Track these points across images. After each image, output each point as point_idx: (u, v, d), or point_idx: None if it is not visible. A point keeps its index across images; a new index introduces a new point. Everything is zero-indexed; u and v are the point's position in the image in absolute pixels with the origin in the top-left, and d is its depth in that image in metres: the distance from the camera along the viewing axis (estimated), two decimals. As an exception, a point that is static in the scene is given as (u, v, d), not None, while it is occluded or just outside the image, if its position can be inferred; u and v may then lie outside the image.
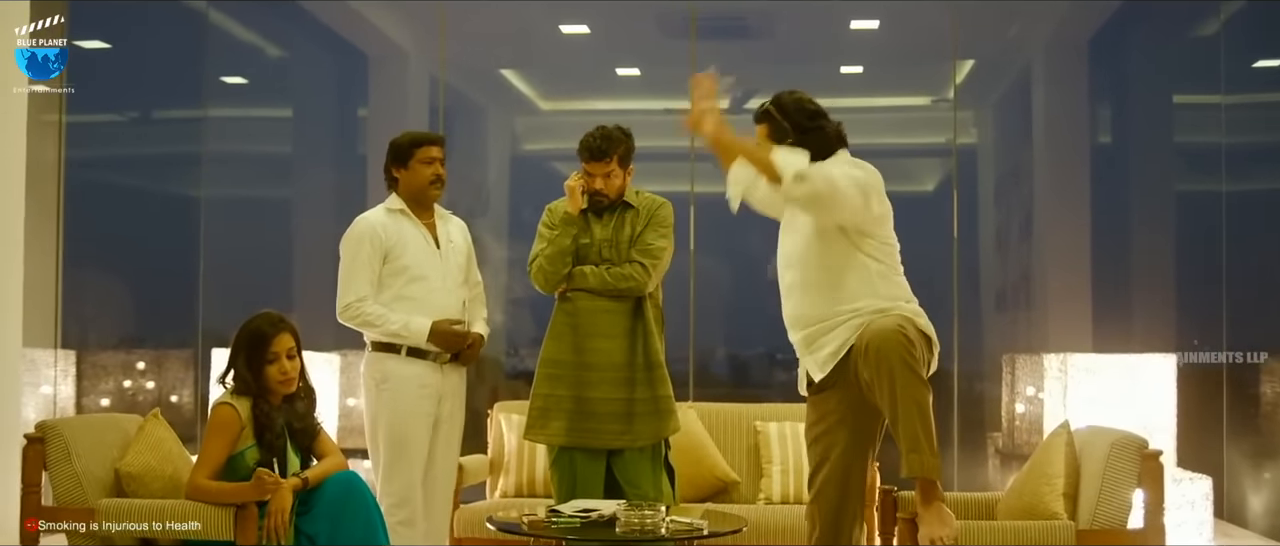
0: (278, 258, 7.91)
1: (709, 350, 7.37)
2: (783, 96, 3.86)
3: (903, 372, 3.43)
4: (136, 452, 4.05)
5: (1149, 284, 7.32)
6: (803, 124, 3.78)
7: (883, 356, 3.44)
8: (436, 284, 4.33)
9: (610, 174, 4.32)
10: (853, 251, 3.68)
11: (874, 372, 3.48)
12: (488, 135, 8.17)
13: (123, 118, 8.23)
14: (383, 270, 4.29)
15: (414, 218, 4.37)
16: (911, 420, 3.41)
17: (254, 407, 3.88)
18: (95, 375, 6.99)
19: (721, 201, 3.97)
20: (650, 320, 4.33)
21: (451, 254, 4.41)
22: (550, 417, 4.31)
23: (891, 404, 3.45)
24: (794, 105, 3.82)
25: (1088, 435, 3.82)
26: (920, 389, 3.45)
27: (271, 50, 8.35)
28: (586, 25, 7.83)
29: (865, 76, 8.09)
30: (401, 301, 4.28)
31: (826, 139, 3.78)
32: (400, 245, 4.30)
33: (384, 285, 4.30)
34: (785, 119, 3.80)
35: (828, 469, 3.76)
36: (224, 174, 7.76)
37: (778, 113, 3.81)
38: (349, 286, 4.28)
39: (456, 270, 4.41)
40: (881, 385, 3.46)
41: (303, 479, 3.85)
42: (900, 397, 3.42)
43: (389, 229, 4.31)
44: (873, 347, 3.47)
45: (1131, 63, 7.55)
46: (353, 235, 4.32)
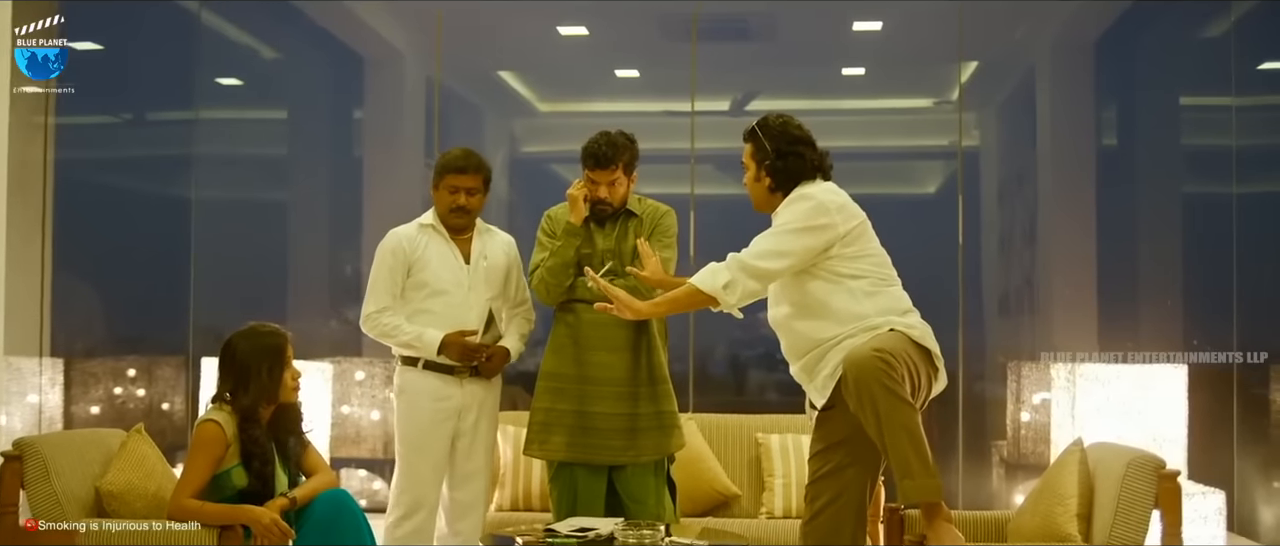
0: (272, 262, 7.83)
1: (708, 349, 7.28)
2: (769, 118, 3.83)
3: (884, 398, 3.35)
4: (118, 470, 3.94)
5: (1155, 288, 7.22)
6: (781, 148, 3.75)
7: (862, 384, 3.37)
8: (457, 299, 4.35)
9: (615, 182, 4.21)
10: (829, 276, 3.63)
11: (857, 403, 3.41)
12: (485, 137, 8.10)
13: (115, 119, 8.14)
14: (406, 283, 4.34)
15: (444, 232, 4.39)
16: (900, 445, 3.34)
17: (241, 430, 3.77)
18: (84, 383, 6.87)
19: (722, 203, 3.94)
20: (654, 333, 4.23)
21: (482, 270, 4.40)
22: (551, 432, 4.21)
23: (878, 431, 3.38)
24: (779, 129, 3.79)
25: (1101, 452, 3.70)
26: (905, 411, 3.36)
27: (266, 52, 8.26)
28: (585, 27, 7.75)
29: (867, 78, 8.00)
30: (421, 314, 4.33)
31: (802, 167, 3.75)
32: (423, 260, 4.34)
33: (407, 299, 4.36)
34: (767, 140, 3.76)
35: (829, 491, 3.65)
36: (217, 176, 7.67)
37: (761, 133, 3.78)
38: (372, 296, 4.37)
39: (485, 286, 4.40)
40: (866, 414, 3.39)
41: (291, 499, 3.74)
42: (885, 424, 3.35)
43: (416, 242, 4.36)
44: (851, 378, 3.41)
45: (1138, 65, 7.45)
46: (382, 247, 4.40)
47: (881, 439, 3.37)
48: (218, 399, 3.85)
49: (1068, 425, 5.30)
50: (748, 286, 3.61)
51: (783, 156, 3.74)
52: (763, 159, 3.77)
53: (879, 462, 3.68)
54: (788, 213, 3.67)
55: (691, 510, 5.08)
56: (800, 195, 3.69)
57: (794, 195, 3.71)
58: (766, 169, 3.76)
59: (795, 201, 3.68)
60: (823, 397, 3.62)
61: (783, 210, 3.70)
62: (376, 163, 7.63)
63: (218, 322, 7.18)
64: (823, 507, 3.64)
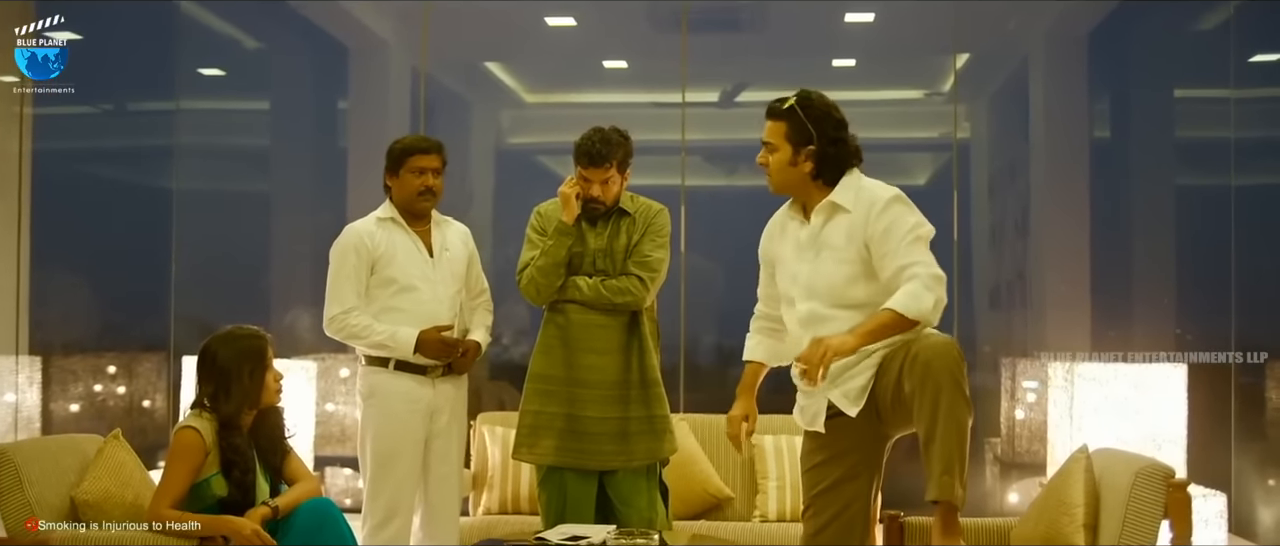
0: (254, 254, 7.74)
1: (696, 337, 7.21)
2: (812, 97, 3.53)
3: (951, 390, 3.18)
4: (95, 477, 3.81)
5: (1149, 281, 7.19)
6: (829, 133, 3.49)
7: (933, 371, 3.19)
8: (426, 294, 4.22)
9: (608, 180, 4.09)
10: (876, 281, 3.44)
11: (919, 385, 3.21)
12: (472, 129, 8.03)
13: (95, 110, 8.04)
14: (370, 281, 4.19)
15: (405, 225, 4.25)
16: (950, 441, 3.17)
17: (221, 437, 3.65)
18: (63, 380, 6.74)
19: (712, 194, 3.76)
20: (646, 335, 4.12)
21: (445, 262, 4.29)
22: (540, 436, 4.10)
23: (931, 420, 3.19)
24: (823, 111, 3.51)
25: (1108, 460, 3.60)
26: (966, 412, 3.21)
27: (248, 41, 8.17)
28: (573, 18, 7.67)
29: (858, 70, 7.94)
30: (389, 313, 4.18)
31: (847, 156, 3.52)
32: (388, 255, 4.20)
33: (371, 297, 4.21)
34: (811, 123, 3.49)
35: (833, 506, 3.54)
36: (199, 167, 7.60)
37: (804, 113, 3.50)
38: (335, 297, 4.19)
39: (450, 278, 4.29)
40: (924, 399, 3.20)
41: (273, 508, 3.63)
42: (944, 416, 3.17)
43: (377, 238, 4.21)
44: (923, 360, 3.21)
45: (1132, 57, 7.40)
46: (339, 245, 4.23)
47: (933, 427, 3.18)
48: (197, 405, 3.73)
49: (1066, 425, 5.22)
50: (940, 294, 3.34)
51: (832, 142, 3.49)
52: (801, 142, 3.49)
53: (881, 473, 3.58)
54: (905, 218, 3.41)
55: (683, 513, 4.99)
56: (897, 196, 3.45)
57: (891, 195, 3.45)
58: (808, 155, 3.49)
59: (897, 202, 3.43)
60: (856, 408, 3.46)
61: (894, 213, 3.41)
62: (361, 154, 7.53)
63: (200, 315, 7.08)
64: (826, 524, 3.53)
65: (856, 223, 3.46)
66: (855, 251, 3.47)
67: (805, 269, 3.54)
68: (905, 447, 3.60)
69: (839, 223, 3.50)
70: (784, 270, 3.62)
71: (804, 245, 3.56)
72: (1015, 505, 6.38)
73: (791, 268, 3.58)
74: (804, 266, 3.55)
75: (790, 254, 3.60)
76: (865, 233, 3.44)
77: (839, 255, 3.48)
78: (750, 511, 5.16)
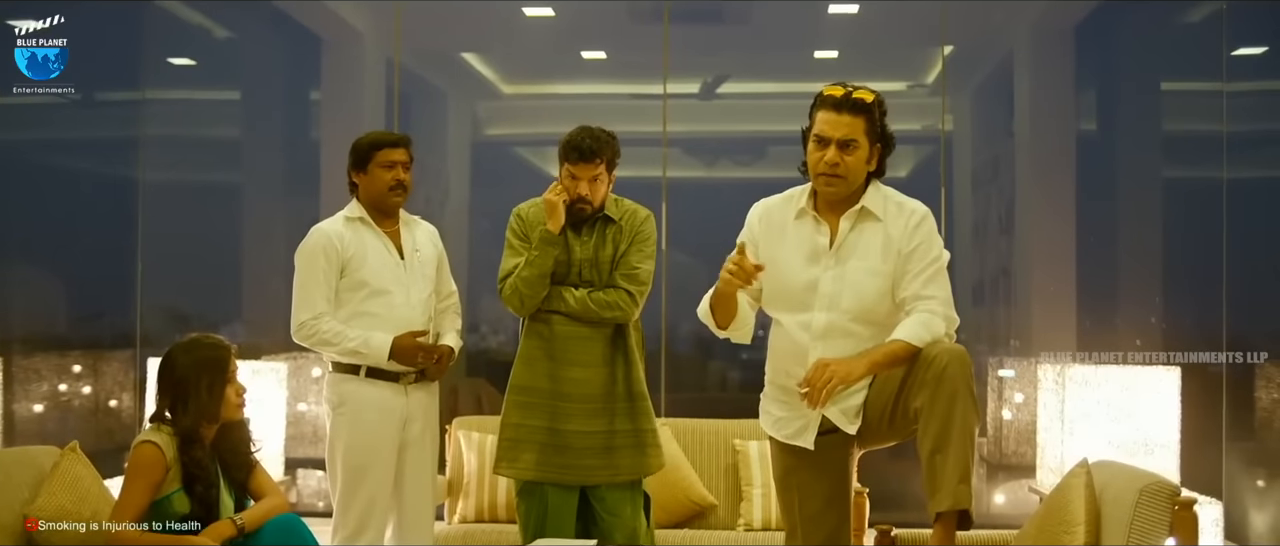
0: (225, 248, 7.58)
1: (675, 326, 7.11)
2: (883, 99, 3.37)
3: (966, 398, 3.10)
4: (50, 494, 3.62)
5: (1136, 276, 7.11)
6: (886, 139, 3.38)
7: (951, 378, 3.08)
8: (399, 298, 4.07)
9: (597, 178, 3.95)
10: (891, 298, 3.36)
11: (933, 391, 3.10)
12: (448, 120, 7.90)
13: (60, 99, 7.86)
14: (340, 284, 4.03)
15: (375, 226, 4.10)
16: (964, 449, 3.09)
17: (182, 451, 3.48)
18: (26, 379, 6.55)
19: (694, 186, 3.61)
20: (632, 346, 3.98)
21: (417, 264, 4.14)
22: (521, 450, 3.95)
23: (944, 427, 3.08)
24: (883, 116, 3.37)
25: (1109, 474, 3.47)
26: (976, 420, 3.15)
27: (218, 31, 8.01)
28: (551, 8, 7.54)
29: (840, 62, 7.85)
30: (361, 318, 4.03)
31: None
32: (359, 257, 4.04)
33: (342, 301, 4.04)
34: (881, 126, 3.35)
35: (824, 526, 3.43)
36: (167, 158, 7.45)
37: (880, 115, 3.34)
38: (304, 303, 4.02)
39: (423, 281, 4.14)
40: (937, 406, 3.09)
41: (239, 526, 3.47)
42: (958, 423, 3.08)
43: (346, 239, 4.05)
44: (940, 365, 3.10)
45: (1118, 50, 7.32)
46: (307, 248, 4.05)
47: (946, 434, 3.08)
48: (157, 418, 3.56)
49: (1056, 429, 5.11)
50: (951, 312, 3.31)
51: (888, 149, 3.38)
52: (876, 140, 3.34)
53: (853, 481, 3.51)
54: (934, 241, 3.33)
55: (666, 522, 4.86)
56: (929, 214, 3.36)
57: (925, 211, 3.36)
58: (876, 155, 3.35)
59: (929, 220, 3.34)
60: (854, 426, 3.37)
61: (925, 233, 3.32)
62: (334, 146, 7.37)
63: (168, 311, 6.92)
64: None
65: (893, 235, 3.34)
66: (891, 266, 3.34)
67: (827, 278, 3.37)
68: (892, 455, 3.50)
69: (870, 232, 3.37)
70: (782, 273, 3.42)
71: (822, 251, 3.39)
72: (1001, 506, 6.29)
73: (800, 273, 3.40)
74: (824, 274, 3.38)
75: (796, 258, 3.42)
76: (899, 245, 3.33)
77: (871, 267, 3.34)
78: (734, 519, 5.04)
